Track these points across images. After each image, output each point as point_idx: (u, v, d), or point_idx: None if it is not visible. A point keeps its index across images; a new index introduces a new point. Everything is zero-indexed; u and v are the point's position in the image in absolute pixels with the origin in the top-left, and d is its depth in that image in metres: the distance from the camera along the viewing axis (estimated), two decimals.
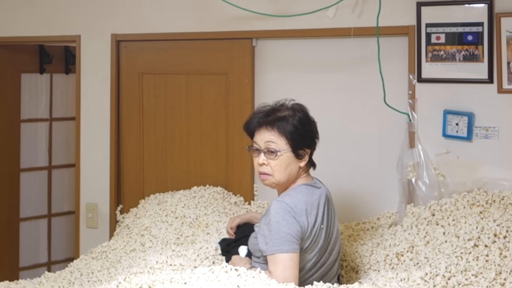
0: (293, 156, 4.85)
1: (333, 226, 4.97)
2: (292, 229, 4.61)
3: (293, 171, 4.88)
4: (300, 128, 4.84)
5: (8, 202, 8.53)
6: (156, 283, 4.55)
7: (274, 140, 4.82)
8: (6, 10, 7.89)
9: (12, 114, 8.56)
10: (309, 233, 4.71)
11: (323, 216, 4.84)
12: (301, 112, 4.94)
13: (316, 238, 4.76)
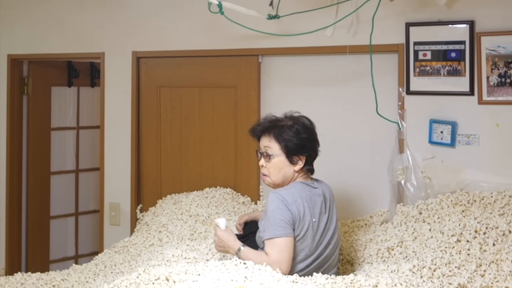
0: (287, 160, 4.93)
1: (331, 223, 4.99)
2: (285, 216, 4.69)
3: (287, 174, 4.96)
4: (295, 137, 4.92)
5: (40, 202, 8.55)
6: (172, 275, 4.56)
7: (270, 146, 4.95)
8: (38, 30, 7.93)
9: (43, 123, 8.58)
10: (299, 223, 4.76)
11: (316, 212, 4.89)
12: (299, 123, 5.00)
13: (307, 229, 4.79)
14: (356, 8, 5.89)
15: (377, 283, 4.40)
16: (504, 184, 5.43)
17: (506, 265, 4.36)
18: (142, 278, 4.60)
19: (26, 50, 8.10)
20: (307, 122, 5.07)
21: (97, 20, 7.56)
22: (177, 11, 7.02)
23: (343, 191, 6.12)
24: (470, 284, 4.33)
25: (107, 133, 7.51)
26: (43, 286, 5.74)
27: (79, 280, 5.87)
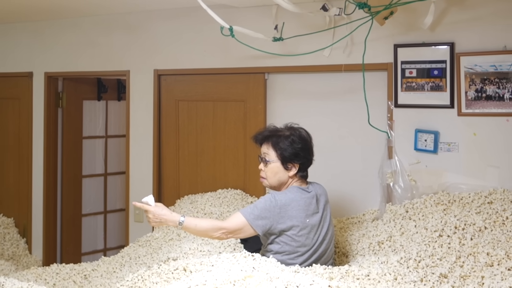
0: (282, 167, 5.02)
1: (324, 221, 5.04)
2: (263, 213, 4.83)
3: (282, 179, 5.07)
4: (290, 146, 5.01)
5: (73, 202, 8.57)
6: (189, 265, 4.57)
7: (268, 153, 5.06)
8: (72, 51, 7.95)
9: (76, 132, 8.59)
10: (288, 224, 4.86)
11: (309, 213, 4.94)
12: (296, 134, 5.09)
13: (301, 229, 4.88)
14: (351, 31, 5.89)
15: (368, 273, 4.42)
16: (480, 186, 5.44)
17: (482, 257, 4.36)
18: (163, 269, 4.61)
19: (61, 68, 8.13)
20: (304, 133, 5.14)
21: (123, 42, 7.60)
22: (193, 34, 7.04)
23: (339, 192, 6.12)
24: (451, 274, 4.32)
25: (132, 141, 7.53)
26: (75, 275, 5.75)
27: (107, 270, 5.89)
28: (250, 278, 3.71)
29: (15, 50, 8.55)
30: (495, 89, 5.36)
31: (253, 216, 4.79)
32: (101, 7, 7.09)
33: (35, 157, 8.33)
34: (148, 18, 7.39)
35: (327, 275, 4.33)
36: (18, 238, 8.39)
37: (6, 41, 8.62)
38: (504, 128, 5.39)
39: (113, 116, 9.17)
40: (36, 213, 8.33)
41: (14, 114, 8.59)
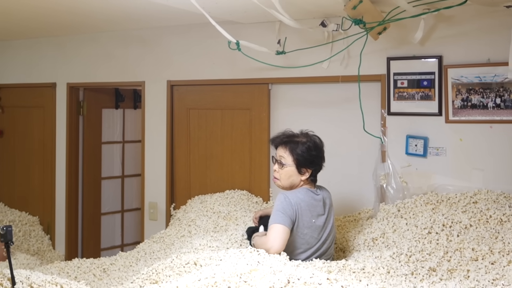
0: (296, 171, 5.00)
1: (328, 223, 5.06)
2: (286, 210, 4.79)
3: (294, 181, 5.04)
4: (306, 153, 4.99)
5: (93, 202, 8.58)
6: (199, 260, 4.59)
7: (285, 157, 5.01)
8: (91, 63, 7.98)
9: (95, 138, 8.61)
10: (297, 220, 4.85)
11: (315, 214, 4.95)
12: (311, 141, 5.08)
13: (307, 228, 4.89)
14: (347, 45, 5.89)
15: (364, 266, 4.43)
16: (466, 187, 5.44)
17: (468, 252, 4.37)
18: (175, 263, 4.62)
19: (81, 79, 8.15)
20: (318, 141, 5.14)
21: (138, 55, 7.61)
22: (203, 48, 7.05)
23: (337, 192, 6.11)
24: (439, 267, 4.34)
25: (147, 146, 7.54)
26: (95, 269, 5.76)
27: (124, 264, 5.89)
28: (255, 271, 3.72)
29: (39, 63, 8.57)
30: (480, 98, 5.37)
31: (282, 218, 4.78)
32: (118, 23, 7.10)
33: (58, 160, 8.35)
34: (161, 34, 7.41)
35: (325, 269, 4.35)
36: (43, 235, 8.40)
37: (31, 54, 8.64)
38: (487, 134, 5.40)
39: (130, 123, 9.17)
40: (59, 212, 8.34)
41: (39, 121, 8.61)
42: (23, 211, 8.68)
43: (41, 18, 6.72)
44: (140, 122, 7.87)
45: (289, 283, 3.49)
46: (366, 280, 4.08)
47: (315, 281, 3.48)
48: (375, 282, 3.94)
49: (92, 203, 8.58)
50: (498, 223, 4.72)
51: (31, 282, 3.88)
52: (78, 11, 6.23)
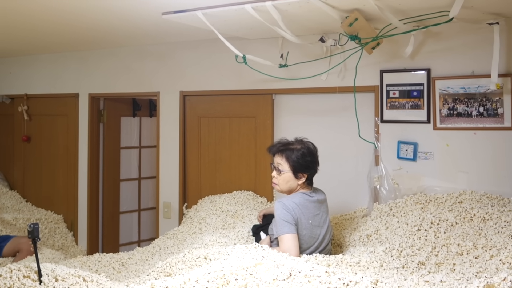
0: (293, 176, 5.01)
1: (324, 222, 5.06)
2: (288, 218, 4.78)
3: (292, 186, 5.05)
4: (301, 159, 5.00)
5: (112, 201, 8.60)
6: (209, 254, 4.60)
7: (282, 164, 5.03)
8: (111, 76, 8.00)
9: (114, 143, 8.62)
10: (298, 224, 4.85)
11: (311, 215, 4.96)
12: (305, 148, 5.06)
13: (304, 229, 4.88)
14: (344, 59, 5.90)
15: (359, 260, 4.44)
16: (452, 188, 5.45)
17: (454, 248, 4.38)
18: (187, 257, 4.64)
19: (102, 90, 8.17)
20: (311, 146, 5.13)
21: (154, 68, 7.62)
22: (212, 61, 7.07)
23: (334, 193, 6.10)
24: (427, 261, 4.34)
25: (162, 151, 7.55)
26: (114, 263, 5.77)
27: (141, 258, 5.91)
28: (260, 265, 3.73)
29: (64, 75, 8.59)
30: (464, 108, 5.37)
31: (287, 227, 4.78)
32: (135, 39, 7.12)
33: (81, 164, 8.37)
34: (175, 48, 7.43)
35: (324, 263, 4.35)
36: (67, 232, 8.42)
37: (56, 67, 8.67)
38: (472, 140, 5.40)
39: (146, 130, 9.18)
40: (81, 211, 8.36)
41: (63, 128, 8.63)
42: (48, 210, 8.71)
43: (65, 34, 6.74)
44: (155, 129, 7.88)
45: (291, 276, 3.50)
46: (361, 273, 4.08)
47: (314, 273, 3.49)
48: (369, 274, 3.95)
49: (111, 202, 8.60)
50: (481, 221, 4.72)
51: (56, 275, 3.89)
52: (99, 28, 6.26)
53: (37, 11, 5.30)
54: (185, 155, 7.38)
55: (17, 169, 9.24)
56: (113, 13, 5.40)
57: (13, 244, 7.01)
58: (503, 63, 5.19)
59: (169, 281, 3.44)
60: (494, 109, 5.25)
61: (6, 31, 6.48)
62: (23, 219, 8.18)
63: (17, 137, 9.23)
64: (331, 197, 5.93)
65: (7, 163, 9.40)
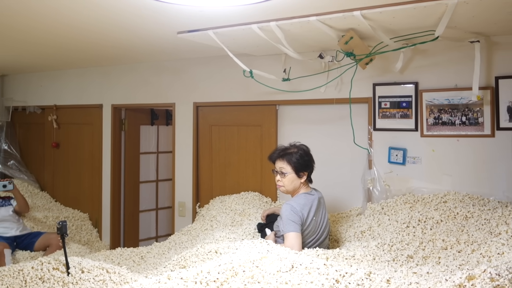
0: (296, 176, 5.04)
1: (324, 218, 5.09)
2: (294, 219, 4.81)
3: (296, 185, 5.08)
4: (300, 160, 5.05)
5: (132, 201, 8.61)
6: (219, 249, 4.61)
7: (284, 167, 5.07)
8: (132, 88, 8.01)
9: (134, 149, 8.64)
10: (304, 222, 4.87)
11: (314, 212, 4.97)
12: (302, 150, 5.12)
13: (309, 225, 4.91)
14: (340, 73, 5.91)
15: (354, 254, 4.45)
16: (437, 189, 5.45)
17: (439, 243, 4.38)
18: (200, 251, 4.65)
19: (123, 101, 8.19)
20: (305, 148, 5.19)
21: (170, 81, 7.64)
22: (222, 76, 7.08)
23: (332, 193, 6.12)
24: (415, 255, 4.35)
25: (177, 155, 7.56)
26: (134, 256, 5.79)
27: (158, 252, 5.92)
28: (265, 258, 3.74)
29: (89, 88, 8.62)
30: (449, 117, 5.38)
31: (293, 226, 4.81)
32: (153, 56, 7.15)
33: (104, 167, 8.39)
34: (188, 64, 7.44)
35: (323, 256, 4.36)
36: (92, 228, 8.44)
37: (82, 81, 8.70)
38: (455, 146, 5.40)
39: (163, 137, 9.19)
40: (105, 210, 8.38)
41: (88, 135, 8.66)
42: (75, 209, 8.74)
43: (90, 51, 6.77)
44: (171, 136, 7.90)
45: (293, 268, 3.51)
46: (356, 265, 4.09)
47: (314, 266, 3.50)
48: (363, 266, 3.96)
49: (132, 202, 8.62)
50: (464, 218, 4.72)
51: (82, 267, 3.91)
52: (120, 45, 6.28)
53: (65, 30, 5.32)
54: (198, 159, 7.39)
55: (47, 172, 9.28)
56: (133, 32, 5.42)
57: (44, 239, 7.03)
58: (483, 77, 5.20)
59: (184, 273, 3.45)
60: (475, 118, 5.26)
61: (37, 48, 6.51)
62: (53, 217, 8.21)
63: (47, 143, 9.27)
64: (329, 197, 5.94)
65: (38, 167, 9.43)
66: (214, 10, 4.37)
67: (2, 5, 4.22)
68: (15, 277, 3.75)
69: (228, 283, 3.39)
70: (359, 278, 3.36)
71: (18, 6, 4.24)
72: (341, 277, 3.36)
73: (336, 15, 4.34)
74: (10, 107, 9.65)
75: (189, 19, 4.74)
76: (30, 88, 9.45)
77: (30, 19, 4.74)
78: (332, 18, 4.42)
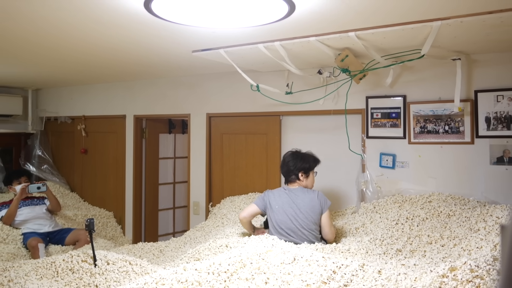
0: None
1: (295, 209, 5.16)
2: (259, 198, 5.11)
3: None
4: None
5: (152, 201, 8.61)
6: (230, 243, 4.63)
7: None
8: (151, 101, 8.03)
9: (154, 155, 8.65)
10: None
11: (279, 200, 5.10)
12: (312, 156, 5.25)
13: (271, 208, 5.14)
14: (337, 87, 5.92)
15: (349, 248, 4.46)
16: (423, 190, 5.45)
17: (425, 238, 4.39)
18: (212, 245, 4.66)
19: (144, 112, 8.21)
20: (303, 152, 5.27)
21: (185, 95, 7.66)
22: (232, 89, 7.09)
23: (330, 194, 6.11)
24: (404, 248, 4.35)
25: (192, 160, 7.56)
26: (154, 250, 5.80)
27: (175, 246, 5.93)
28: (270, 251, 3.75)
29: (113, 100, 8.65)
30: (433, 126, 5.38)
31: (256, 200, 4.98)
32: (170, 72, 7.16)
33: (127, 171, 8.41)
34: (202, 79, 7.46)
35: (322, 250, 4.37)
36: (116, 225, 8.45)
37: (108, 94, 8.73)
38: (439, 152, 5.41)
39: (179, 144, 9.20)
40: (128, 208, 8.39)
41: (113, 142, 8.68)
42: (101, 208, 8.75)
43: (115, 68, 6.79)
44: (187, 143, 7.92)
45: (295, 260, 3.52)
46: (351, 258, 4.10)
47: (314, 258, 3.52)
48: (357, 259, 3.96)
49: (151, 202, 8.63)
50: (447, 216, 4.73)
51: (107, 259, 3.93)
52: (142, 62, 6.31)
53: (92, 49, 5.36)
54: (210, 164, 7.39)
55: (77, 175, 9.30)
56: (152, 51, 5.45)
57: (73, 235, 7.05)
58: (464, 91, 5.21)
59: (198, 264, 3.47)
60: (457, 127, 5.26)
61: (67, 65, 6.55)
62: (81, 215, 8.22)
63: (76, 149, 9.30)
64: (327, 197, 5.94)
65: (68, 171, 9.46)
66: (225, 31, 4.40)
67: (36, 27, 4.26)
68: (48, 268, 3.78)
69: (237, 274, 3.41)
70: (353, 269, 3.37)
71: (51, 28, 4.28)
72: (337, 268, 3.37)
73: (333, 35, 4.36)
74: (43, 117, 9.71)
75: (203, 39, 4.77)
76: (61, 101, 9.49)
77: (61, 39, 4.78)
78: (330, 39, 4.45)
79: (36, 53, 5.62)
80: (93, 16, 3.83)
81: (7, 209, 7.10)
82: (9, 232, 6.89)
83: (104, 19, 3.94)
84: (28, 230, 6.99)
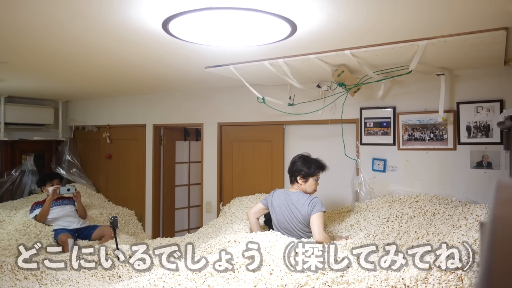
0: None
1: (290, 212, 5.08)
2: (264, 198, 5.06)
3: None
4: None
5: (169, 200, 8.62)
6: (238, 238, 4.63)
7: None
8: (169, 111, 8.04)
9: (171, 160, 8.66)
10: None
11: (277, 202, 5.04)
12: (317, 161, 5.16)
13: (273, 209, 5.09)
14: (334, 100, 5.93)
15: (345, 243, 4.44)
16: (411, 191, 5.45)
17: (412, 234, 4.38)
18: (222, 240, 4.67)
19: (162, 121, 8.23)
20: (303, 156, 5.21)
21: (199, 106, 7.67)
22: (241, 101, 7.10)
23: (328, 194, 6.11)
24: (394, 243, 4.35)
25: (205, 165, 7.57)
26: (171, 244, 5.80)
27: (190, 241, 5.93)
28: (274, 246, 3.76)
29: (135, 111, 8.68)
30: (420, 134, 5.38)
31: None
32: (186, 85, 7.18)
33: (147, 174, 8.43)
34: (214, 92, 7.47)
35: (321, 245, 4.38)
36: (137, 222, 8.45)
37: (130, 105, 8.76)
38: (425, 157, 5.40)
39: (194, 150, 9.20)
40: (148, 207, 8.40)
41: (134, 149, 8.70)
42: (124, 207, 8.76)
43: (136, 82, 6.82)
44: (200, 149, 7.90)
45: (296, 253, 3.53)
46: (347, 251, 4.11)
47: (314, 252, 3.52)
48: (352, 252, 3.97)
49: (169, 201, 8.63)
50: (432, 214, 4.72)
51: (129, 253, 3.94)
52: (160, 77, 6.33)
53: (116, 65, 5.38)
54: (221, 167, 7.39)
55: (102, 178, 9.33)
56: (169, 67, 5.47)
57: (99, 231, 7.06)
58: (447, 102, 5.22)
59: (210, 257, 3.48)
60: (441, 135, 5.26)
61: (94, 80, 6.58)
62: (106, 214, 8.23)
63: (102, 155, 9.32)
64: (325, 197, 5.94)
65: (95, 174, 9.48)
66: (234, 49, 4.42)
67: (67, 46, 4.29)
68: (76, 260, 3.79)
69: (245, 266, 3.42)
70: (349, 261, 3.38)
71: (80, 47, 4.31)
72: (335, 261, 3.38)
73: (330, 53, 4.38)
74: (72, 126, 9.75)
75: (214, 57, 4.79)
76: (89, 111, 9.53)
77: (89, 57, 4.81)
78: (327, 56, 4.46)
79: (67, 69, 5.65)
80: (117, 36, 3.86)
81: (40, 208, 7.13)
82: (42, 229, 6.91)
83: (127, 39, 3.96)
84: (59, 227, 7.02)
